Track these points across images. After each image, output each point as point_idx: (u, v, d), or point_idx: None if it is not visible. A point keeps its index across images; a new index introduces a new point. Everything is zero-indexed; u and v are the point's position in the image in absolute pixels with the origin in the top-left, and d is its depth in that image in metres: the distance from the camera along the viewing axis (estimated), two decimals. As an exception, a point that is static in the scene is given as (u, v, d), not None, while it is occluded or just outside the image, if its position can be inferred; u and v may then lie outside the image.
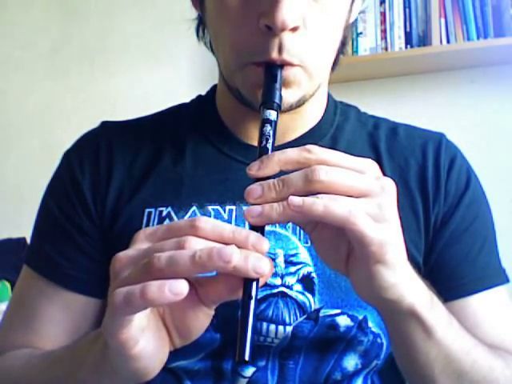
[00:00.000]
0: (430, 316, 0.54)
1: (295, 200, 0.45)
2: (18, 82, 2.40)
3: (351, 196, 0.47)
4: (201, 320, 0.50)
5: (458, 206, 0.75)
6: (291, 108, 0.69)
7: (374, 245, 0.47)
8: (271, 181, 0.48)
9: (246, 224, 0.70)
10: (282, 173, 0.49)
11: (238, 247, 0.44)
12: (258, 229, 0.48)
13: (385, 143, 0.79)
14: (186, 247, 0.43)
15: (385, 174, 0.52)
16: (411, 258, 0.70)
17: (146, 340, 0.47)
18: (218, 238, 0.45)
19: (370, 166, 0.50)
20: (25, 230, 0.94)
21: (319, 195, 0.46)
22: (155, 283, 0.42)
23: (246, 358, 0.42)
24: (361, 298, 0.54)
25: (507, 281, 0.76)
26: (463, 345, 0.59)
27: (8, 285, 1.85)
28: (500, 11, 1.79)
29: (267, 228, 0.50)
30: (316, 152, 0.48)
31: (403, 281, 0.51)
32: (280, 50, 0.62)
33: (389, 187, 0.49)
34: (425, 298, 0.54)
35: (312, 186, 0.46)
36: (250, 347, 0.42)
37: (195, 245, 0.43)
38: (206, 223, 0.45)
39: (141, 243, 0.47)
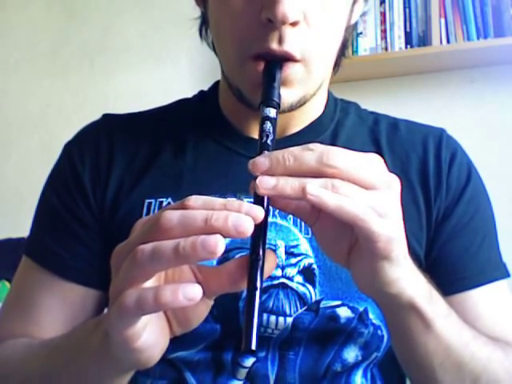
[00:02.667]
0: (430, 309, 0.55)
1: (312, 190, 0.44)
2: (17, 82, 2.40)
3: (360, 187, 0.46)
4: (200, 310, 0.50)
5: (459, 201, 0.75)
6: (292, 108, 0.69)
7: (382, 241, 0.47)
8: (281, 152, 0.46)
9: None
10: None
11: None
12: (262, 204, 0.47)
13: (386, 138, 0.79)
14: (160, 221, 0.42)
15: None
16: (412, 252, 0.70)
17: (148, 332, 0.47)
18: None
19: (375, 160, 0.50)
20: (25, 230, 0.94)
21: (334, 183, 0.45)
22: (168, 287, 0.41)
23: (253, 347, 0.42)
24: (361, 291, 0.55)
25: (508, 275, 0.77)
26: (462, 337, 0.59)
27: (8, 285, 1.85)
28: (500, 11, 1.80)
29: (269, 219, 0.49)
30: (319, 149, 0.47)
31: (405, 276, 0.51)
32: (280, 42, 0.62)
33: (394, 183, 0.49)
34: (424, 291, 0.55)
35: (324, 169, 0.45)
36: (256, 337, 0.42)
37: (170, 216, 0.42)
38: (196, 201, 0.44)
39: (135, 233, 0.46)
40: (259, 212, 0.43)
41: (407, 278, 0.52)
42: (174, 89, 2.13)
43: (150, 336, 0.47)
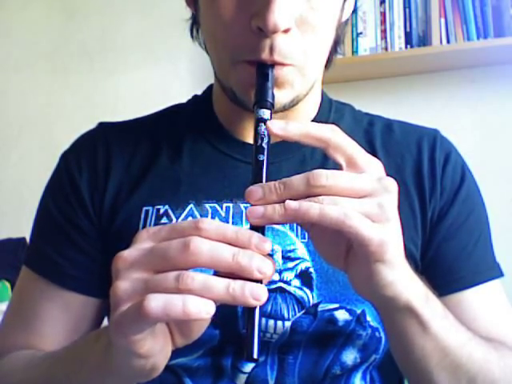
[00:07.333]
0: (426, 311, 0.55)
1: (292, 204, 0.46)
2: (17, 82, 2.40)
3: (352, 197, 0.47)
4: (203, 320, 0.50)
5: (453, 202, 0.75)
6: (284, 108, 0.69)
7: (373, 245, 0.47)
8: (272, 183, 0.48)
9: (244, 220, 0.71)
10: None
11: (241, 247, 0.45)
12: (259, 228, 0.48)
13: (380, 140, 0.79)
14: (191, 247, 0.44)
15: None
16: (409, 254, 0.70)
17: (153, 338, 0.47)
18: (222, 238, 0.45)
19: (374, 163, 0.51)
20: (25, 230, 0.94)
21: (319, 197, 0.47)
22: (196, 298, 0.43)
23: (255, 356, 0.43)
24: (358, 294, 0.55)
25: (502, 275, 0.77)
26: (458, 338, 0.59)
27: (8, 285, 1.86)
28: (500, 11, 1.79)
29: None
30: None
31: (401, 278, 0.51)
32: (271, 51, 0.62)
33: (391, 187, 0.50)
34: (421, 293, 0.55)
35: (313, 190, 0.47)
36: (258, 345, 0.43)
37: (200, 245, 0.44)
38: (210, 224, 0.46)
39: (143, 242, 0.47)
40: (267, 245, 0.46)
41: (404, 281, 0.52)
42: (174, 89, 2.14)
43: (155, 345, 0.48)
